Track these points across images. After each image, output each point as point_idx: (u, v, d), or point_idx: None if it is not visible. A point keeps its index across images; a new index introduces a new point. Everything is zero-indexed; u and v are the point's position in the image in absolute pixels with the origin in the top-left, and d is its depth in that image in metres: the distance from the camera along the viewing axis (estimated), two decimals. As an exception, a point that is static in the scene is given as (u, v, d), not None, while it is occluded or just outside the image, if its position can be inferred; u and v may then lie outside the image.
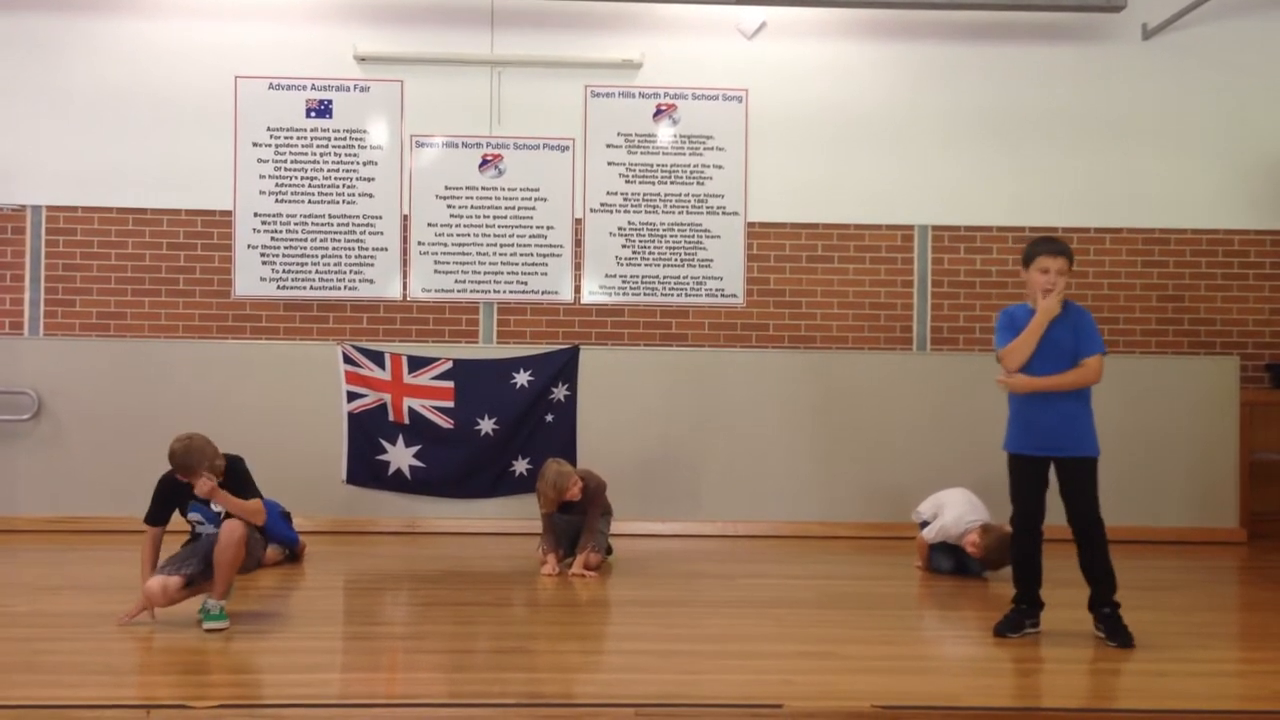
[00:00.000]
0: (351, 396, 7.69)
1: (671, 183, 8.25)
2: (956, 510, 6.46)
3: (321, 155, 8.15)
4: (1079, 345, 4.95)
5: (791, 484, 7.93)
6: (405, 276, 8.16)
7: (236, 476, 5.06)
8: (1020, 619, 4.98)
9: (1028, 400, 5.02)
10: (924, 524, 6.69)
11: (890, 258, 8.31)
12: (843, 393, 7.98)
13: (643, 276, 8.24)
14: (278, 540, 6.53)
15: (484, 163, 8.20)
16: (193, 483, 4.95)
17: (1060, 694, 4.30)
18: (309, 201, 8.14)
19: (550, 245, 8.21)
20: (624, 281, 8.23)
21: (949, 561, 6.49)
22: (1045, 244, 5.05)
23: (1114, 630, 4.85)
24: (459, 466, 7.73)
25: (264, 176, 8.12)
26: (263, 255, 8.11)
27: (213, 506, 5.05)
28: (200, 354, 7.88)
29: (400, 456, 7.71)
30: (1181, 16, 8.07)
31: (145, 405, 7.65)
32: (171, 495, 5.10)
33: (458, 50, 8.16)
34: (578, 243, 8.23)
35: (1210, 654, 4.83)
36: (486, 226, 8.20)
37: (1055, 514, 5.04)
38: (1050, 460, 4.99)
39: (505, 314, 8.21)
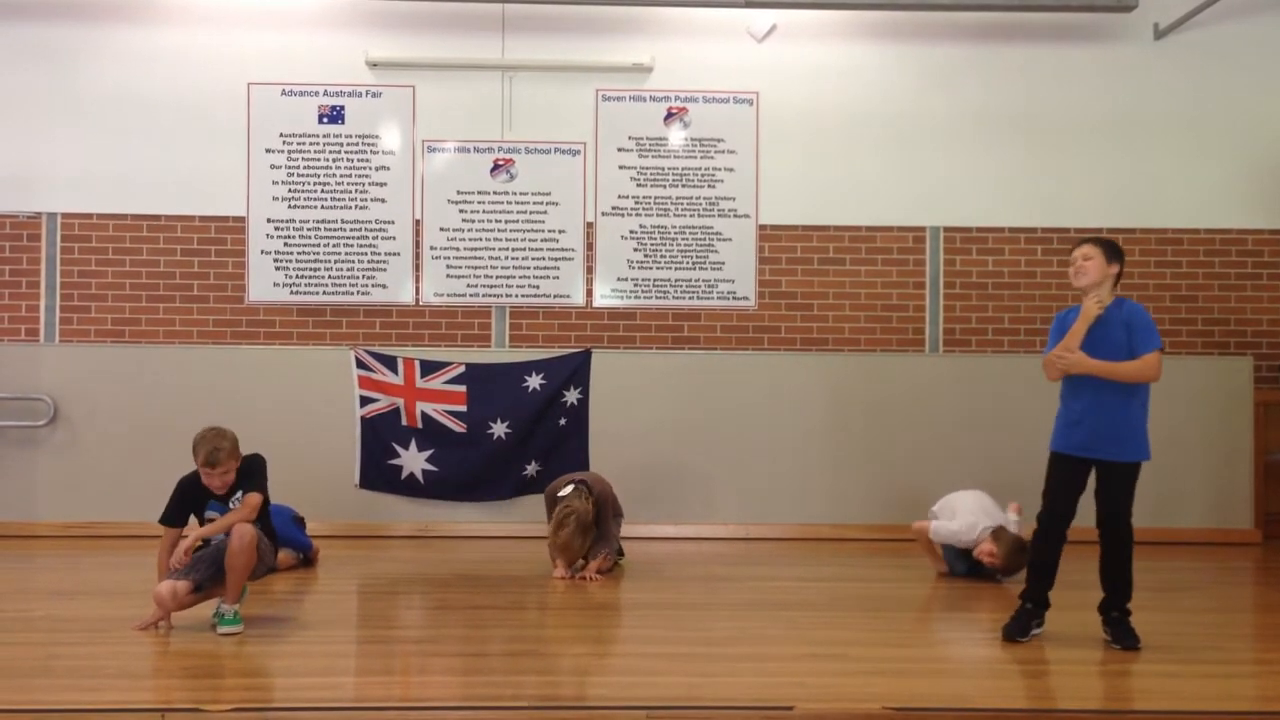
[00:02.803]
0: (364, 401, 7.71)
1: (683, 186, 8.26)
2: (969, 518, 6.39)
3: (334, 161, 8.18)
4: (1133, 341, 4.78)
5: (804, 486, 7.94)
6: (418, 281, 8.19)
7: (250, 471, 5.11)
8: (1027, 620, 4.94)
9: (1076, 397, 4.86)
10: (935, 518, 6.66)
11: (902, 259, 8.30)
12: (855, 395, 7.99)
13: (654, 280, 8.24)
14: (291, 545, 6.56)
15: (495, 167, 8.22)
16: (210, 477, 5.02)
17: (1073, 695, 4.29)
18: (322, 207, 8.17)
19: (562, 249, 8.23)
20: (636, 285, 8.24)
21: (963, 564, 6.47)
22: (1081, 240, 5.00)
23: (1121, 633, 4.83)
24: (471, 470, 7.75)
25: (277, 182, 8.16)
26: (276, 261, 8.15)
27: (231, 503, 5.08)
28: (214, 359, 7.93)
29: (413, 461, 7.73)
30: (1193, 16, 8.05)
31: (160, 411, 7.69)
32: (189, 498, 5.14)
33: (469, 55, 8.18)
34: (589, 246, 8.24)
35: (1224, 655, 4.82)
36: (498, 231, 8.22)
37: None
38: (1092, 464, 4.86)
39: (517, 318, 8.22)
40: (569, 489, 6.39)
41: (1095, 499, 4.90)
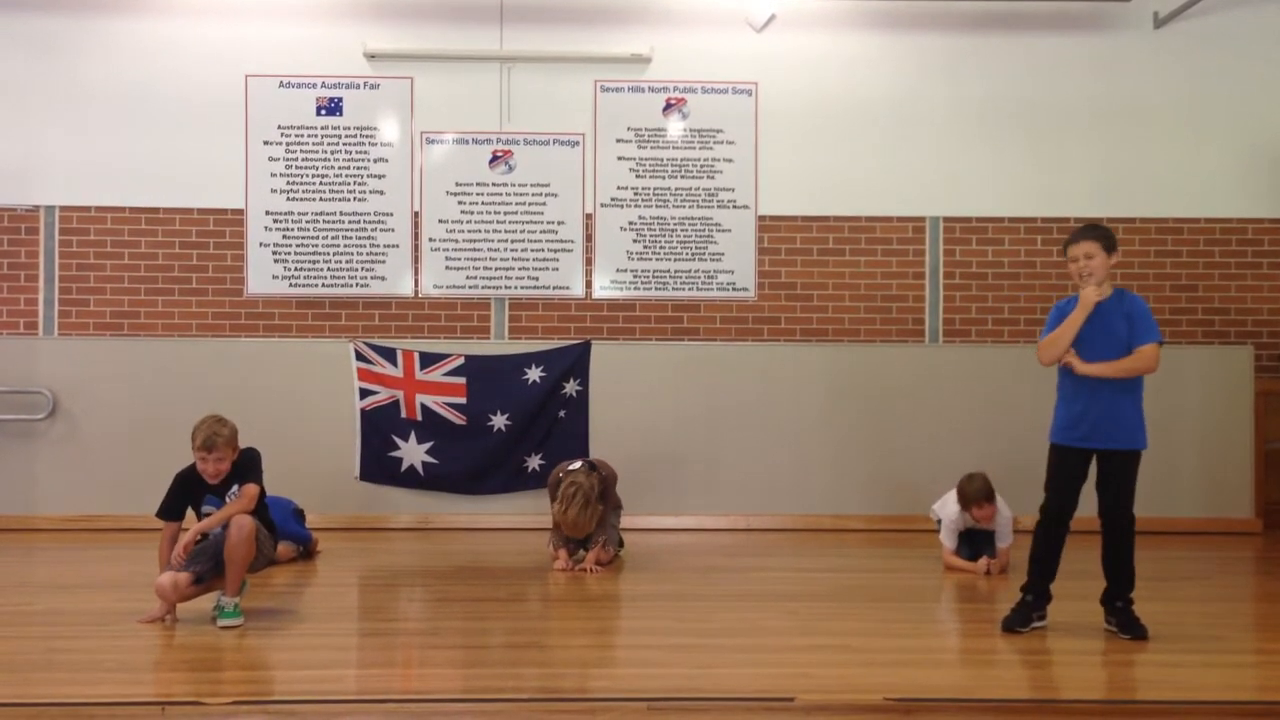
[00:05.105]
0: (364, 393, 7.71)
1: (682, 177, 8.25)
2: (954, 504, 6.42)
3: (332, 153, 8.17)
4: (1133, 334, 4.83)
5: (804, 477, 7.93)
6: (417, 273, 8.17)
7: (246, 463, 5.10)
8: (1028, 613, 4.95)
9: (1076, 391, 4.89)
10: (939, 521, 6.66)
11: (902, 249, 8.29)
12: (855, 385, 7.98)
13: (654, 271, 8.23)
14: (291, 538, 6.55)
15: (494, 159, 8.20)
16: (205, 464, 5.01)
17: (1073, 685, 4.28)
18: (320, 199, 8.15)
19: (561, 240, 8.22)
20: (635, 276, 8.23)
21: (967, 550, 6.46)
22: (1073, 234, 4.99)
23: (1127, 623, 4.83)
24: (472, 462, 7.75)
25: (275, 174, 8.14)
26: (275, 253, 8.13)
27: (227, 497, 5.07)
28: (213, 352, 7.92)
29: (413, 453, 7.73)
30: (1193, 5, 8.03)
31: (159, 403, 7.68)
32: (186, 490, 5.13)
33: (467, 46, 8.16)
34: (589, 238, 8.23)
35: (1225, 644, 4.81)
36: (497, 222, 8.20)
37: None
38: (1093, 454, 4.89)
39: (517, 310, 8.21)
40: (576, 465, 6.40)
41: (1097, 490, 4.91)
